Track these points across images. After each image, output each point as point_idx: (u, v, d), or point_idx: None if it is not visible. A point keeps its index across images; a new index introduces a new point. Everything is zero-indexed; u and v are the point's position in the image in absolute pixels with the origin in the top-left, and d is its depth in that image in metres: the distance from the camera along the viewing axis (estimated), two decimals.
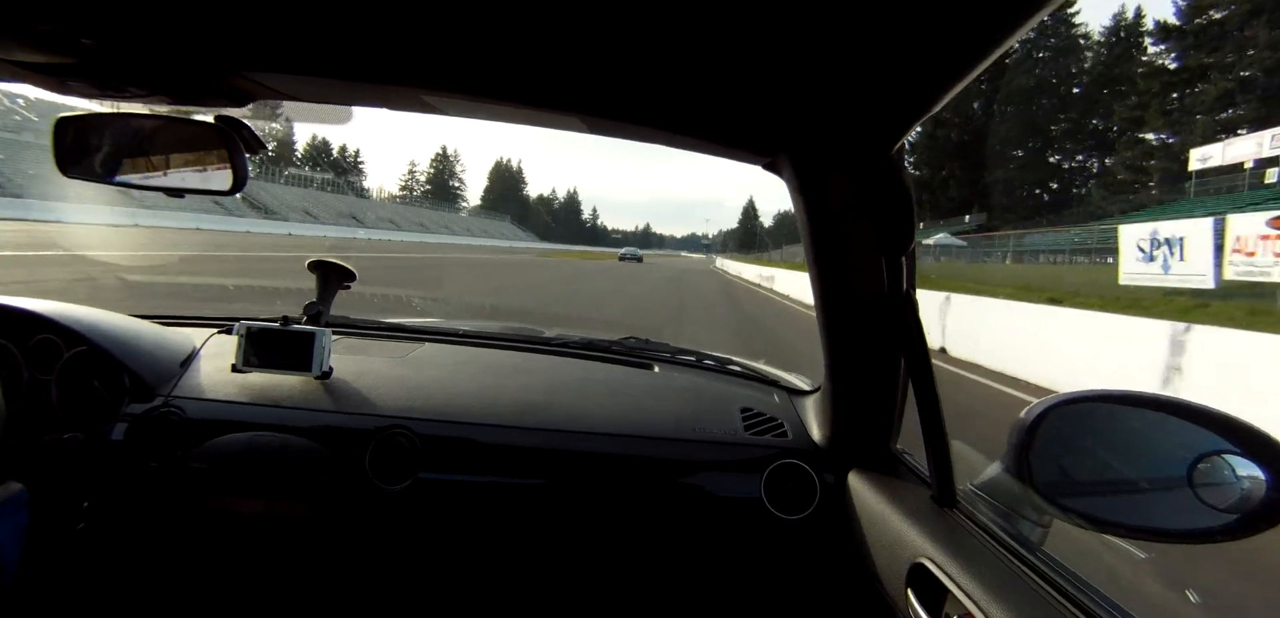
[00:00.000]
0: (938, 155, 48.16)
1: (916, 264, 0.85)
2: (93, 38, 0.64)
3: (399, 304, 7.83)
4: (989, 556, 0.70)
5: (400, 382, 1.22)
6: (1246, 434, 0.59)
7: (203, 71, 0.73)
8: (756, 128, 0.82)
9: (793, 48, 0.60)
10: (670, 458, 1.11)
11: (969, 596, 0.64)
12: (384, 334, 1.50)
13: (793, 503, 1.07)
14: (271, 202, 51.02)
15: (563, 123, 0.86)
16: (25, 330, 1.11)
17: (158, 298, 7.46)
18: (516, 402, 1.19)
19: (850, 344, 0.97)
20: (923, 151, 48.79)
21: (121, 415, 1.09)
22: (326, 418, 1.11)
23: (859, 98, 0.68)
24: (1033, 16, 0.48)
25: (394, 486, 1.07)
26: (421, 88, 0.77)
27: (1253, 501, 0.57)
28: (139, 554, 1.13)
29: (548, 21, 0.59)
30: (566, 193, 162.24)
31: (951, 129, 46.33)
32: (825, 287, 0.94)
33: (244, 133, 0.83)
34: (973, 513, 0.79)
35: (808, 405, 1.22)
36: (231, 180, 0.84)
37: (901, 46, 0.57)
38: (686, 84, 0.71)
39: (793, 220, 0.95)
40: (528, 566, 1.14)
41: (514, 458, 1.10)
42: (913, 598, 0.73)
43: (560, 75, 0.72)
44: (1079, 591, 0.61)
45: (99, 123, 0.86)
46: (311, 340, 1.15)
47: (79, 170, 0.86)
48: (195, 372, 1.19)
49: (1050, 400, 0.72)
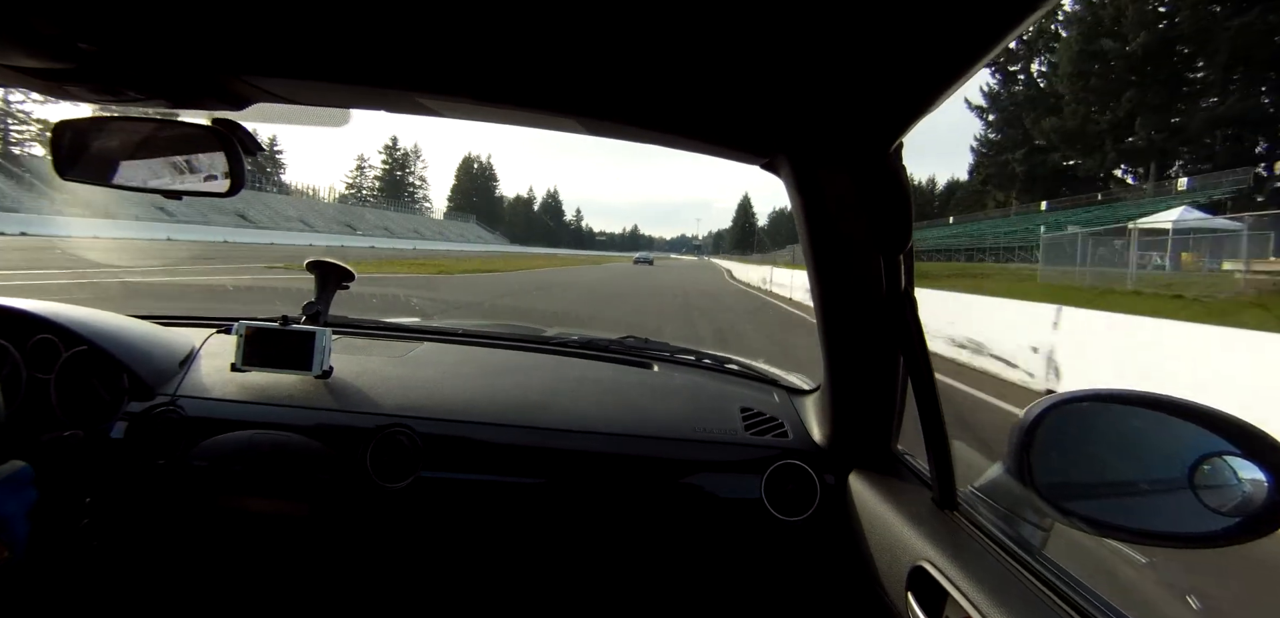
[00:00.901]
0: (1109, 78, 31.03)
1: (914, 264, 0.85)
2: (91, 42, 0.64)
3: (398, 304, 7.83)
4: (990, 559, 0.69)
5: (400, 381, 1.22)
6: (1248, 436, 0.58)
7: (200, 75, 0.74)
8: (754, 128, 0.82)
9: (790, 48, 0.59)
10: (670, 458, 1.11)
11: (969, 600, 0.63)
12: (383, 334, 1.50)
13: (793, 504, 1.07)
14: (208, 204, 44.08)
15: (560, 124, 0.86)
16: (24, 331, 1.11)
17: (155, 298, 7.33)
18: (516, 401, 1.19)
19: (850, 344, 0.96)
20: (1076, 79, 32.21)
21: (121, 414, 1.10)
22: (327, 417, 1.11)
23: (857, 97, 0.68)
24: (1031, 14, 0.48)
25: (395, 484, 1.07)
26: (418, 91, 0.77)
27: (1254, 504, 0.56)
28: (140, 553, 1.14)
29: (544, 24, 0.59)
30: (546, 193, 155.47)
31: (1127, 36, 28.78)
32: (824, 287, 0.93)
33: (241, 135, 0.83)
34: (973, 515, 0.78)
35: (808, 405, 1.22)
36: (229, 182, 0.84)
37: (900, 46, 0.56)
38: (684, 85, 0.71)
39: (789, 219, 0.95)
40: (528, 565, 1.14)
41: (514, 457, 1.10)
42: (913, 602, 0.73)
43: (557, 77, 0.72)
44: (1080, 595, 0.61)
45: (96, 126, 0.86)
46: (311, 340, 1.15)
47: (77, 173, 0.86)
48: (195, 371, 1.19)
49: (1050, 400, 0.71)
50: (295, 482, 1.07)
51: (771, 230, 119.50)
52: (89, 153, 0.86)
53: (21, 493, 0.85)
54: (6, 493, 0.83)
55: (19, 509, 0.84)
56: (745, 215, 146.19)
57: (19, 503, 0.84)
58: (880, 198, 0.79)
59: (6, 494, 0.83)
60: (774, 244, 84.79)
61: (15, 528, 0.82)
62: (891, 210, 0.78)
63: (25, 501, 0.85)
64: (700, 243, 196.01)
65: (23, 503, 0.85)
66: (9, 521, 0.82)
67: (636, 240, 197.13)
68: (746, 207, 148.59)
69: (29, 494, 0.86)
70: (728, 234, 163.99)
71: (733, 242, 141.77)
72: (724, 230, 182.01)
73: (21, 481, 0.86)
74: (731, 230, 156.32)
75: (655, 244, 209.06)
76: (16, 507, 0.84)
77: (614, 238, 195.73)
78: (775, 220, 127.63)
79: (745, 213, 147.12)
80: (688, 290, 19.92)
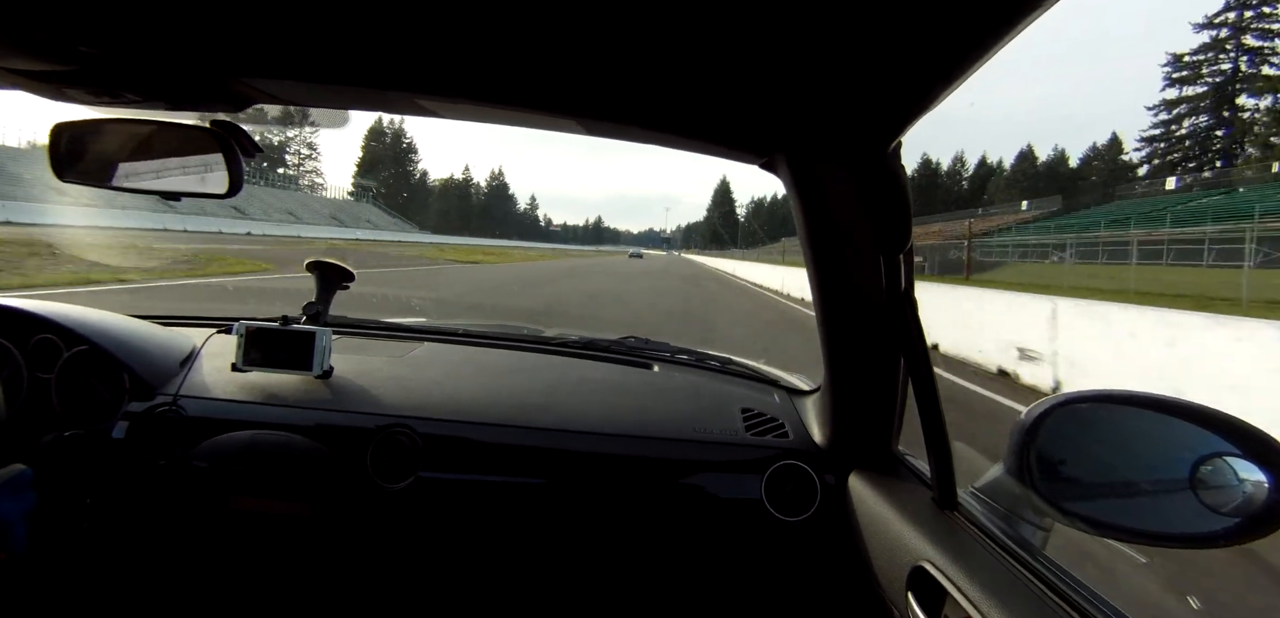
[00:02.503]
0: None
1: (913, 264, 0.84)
2: (89, 44, 0.64)
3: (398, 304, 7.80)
4: (989, 559, 0.69)
5: (401, 381, 1.22)
6: (1249, 436, 0.58)
7: (198, 77, 0.73)
8: (753, 128, 0.82)
9: (789, 47, 0.59)
10: (670, 458, 1.11)
11: (968, 599, 0.63)
12: (384, 334, 1.50)
13: (793, 504, 1.07)
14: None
15: (559, 125, 0.86)
16: (25, 330, 1.11)
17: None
18: (517, 401, 1.19)
19: (850, 344, 0.96)
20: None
21: (122, 414, 1.10)
22: (327, 416, 1.11)
23: (856, 97, 0.68)
24: (1031, 14, 0.48)
25: (395, 484, 1.07)
26: (417, 92, 0.77)
27: (1255, 504, 0.56)
28: (141, 552, 1.14)
29: (543, 25, 0.59)
30: (490, 174, 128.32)
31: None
32: (824, 287, 0.93)
33: (239, 137, 0.83)
34: (974, 516, 0.78)
35: (808, 406, 1.22)
36: (227, 184, 0.84)
37: (898, 45, 0.56)
38: (683, 85, 0.71)
39: (770, 211, 0.94)
40: (528, 565, 1.14)
41: (515, 457, 1.10)
42: (913, 602, 0.73)
43: (556, 78, 0.72)
44: (1079, 595, 0.61)
45: (95, 128, 0.86)
46: (311, 340, 1.15)
47: (75, 175, 0.86)
48: (195, 371, 1.20)
49: (1051, 400, 0.71)
50: (296, 482, 1.07)
51: (746, 224, 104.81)
52: (87, 155, 0.86)
53: (21, 497, 0.85)
54: (5, 496, 0.83)
55: (18, 512, 0.84)
56: (724, 201, 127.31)
57: (18, 506, 0.84)
58: (879, 198, 0.79)
59: (5, 498, 0.83)
60: (754, 239, 78.31)
61: (14, 532, 0.83)
62: (891, 210, 0.78)
63: (24, 504, 0.86)
64: (670, 237, 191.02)
65: (21, 506, 0.85)
66: (8, 524, 0.82)
67: (600, 233, 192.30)
68: (725, 191, 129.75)
69: (28, 498, 0.86)
70: (700, 228, 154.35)
71: (708, 236, 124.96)
72: (696, 223, 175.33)
73: (21, 483, 0.86)
74: (704, 224, 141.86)
75: (622, 238, 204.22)
76: (15, 510, 0.84)
77: (574, 231, 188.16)
78: (752, 213, 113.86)
79: (724, 199, 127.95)
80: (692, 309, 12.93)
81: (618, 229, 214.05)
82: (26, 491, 0.87)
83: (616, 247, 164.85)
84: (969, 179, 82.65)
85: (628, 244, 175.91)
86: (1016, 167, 76.51)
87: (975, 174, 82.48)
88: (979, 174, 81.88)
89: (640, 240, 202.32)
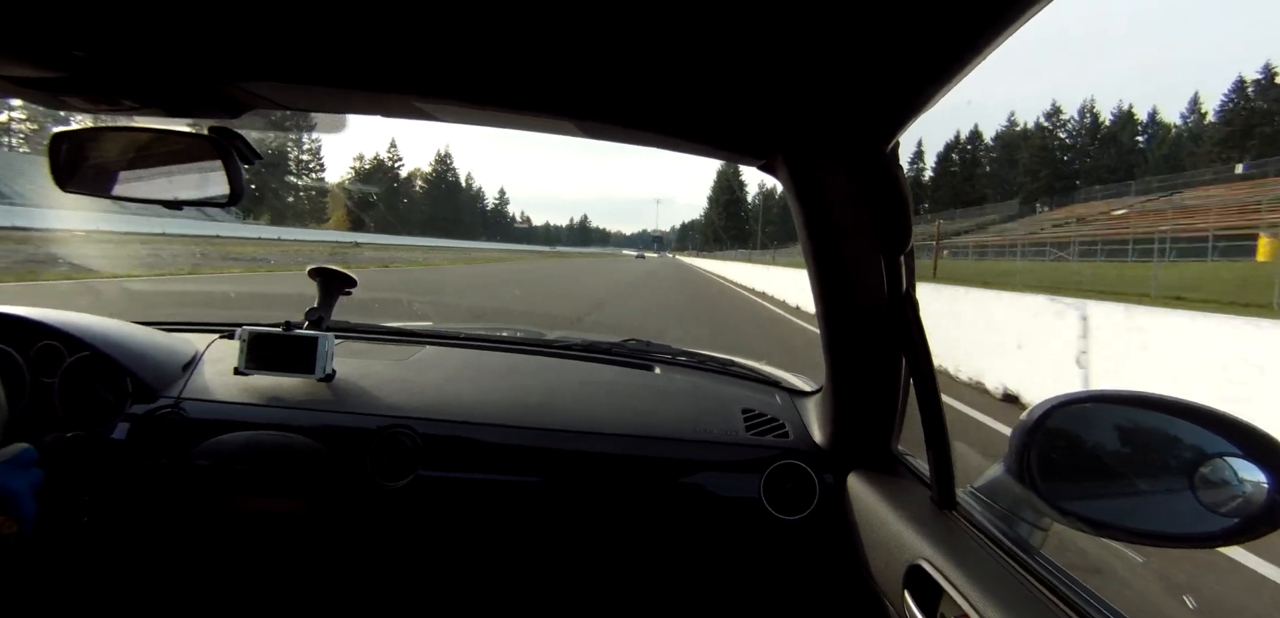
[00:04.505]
0: None
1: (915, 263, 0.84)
2: (85, 50, 0.64)
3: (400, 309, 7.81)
4: (986, 557, 0.69)
5: (402, 383, 1.22)
6: (1249, 437, 0.58)
7: (196, 82, 0.73)
8: (752, 128, 0.82)
9: (787, 47, 0.59)
10: (669, 457, 1.11)
11: (965, 597, 0.63)
12: (386, 338, 1.50)
13: (792, 503, 1.07)
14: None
15: (557, 127, 0.86)
16: (28, 337, 1.11)
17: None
18: (517, 402, 1.19)
19: (851, 345, 0.96)
20: None
21: (123, 416, 1.10)
22: (328, 418, 1.11)
23: (854, 96, 0.67)
24: (1028, 13, 0.47)
25: (395, 482, 1.07)
26: (415, 95, 0.77)
27: (1254, 504, 0.56)
28: (142, 551, 1.14)
29: (541, 27, 0.59)
30: (434, 157, 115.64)
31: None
32: (825, 287, 0.93)
33: (238, 143, 0.83)
34: (972, 515, 0.78)
35: (809, 406, 1.22)
36: (227, 190, 0.84)
37: (897, 44, 0.56)
38: (681, 86, 0.71)
39: (771, 210, 0.92)
40: (528, 564, 1.15)
41: (515, 457, 1.10)
42: (909, 599, 0.73)
43: (553, 80, 0.72)
44: (1075, 593, 0.61)
45: (94, 137, 0.86)
46: (314, 345, 1.15)
47: (75, 185, 0.86)
48: (198, 375, 1.20)
49: (1052, 401, 0.71)
50: (296, 480, 1.07)
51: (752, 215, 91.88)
52: (87, 164, 0.86)
53: (28, 471, 0.86)
54: (12, 470, 0.84)
55: (26, 486, 0.84)
56: (727, 192, 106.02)
57: (26, 480, 0.85)
58: (878, 198, 0.79)
59: (13, 472, 0.83)
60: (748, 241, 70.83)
61: (22, 504, 0.83)
62: (890, 211, 0.78)
63: (32, 478, 0.86)
64: (663, 237, 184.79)
65: (29, 480, 0.85)
66: (16, 496, 0.82)
67: (586, 234, 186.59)
68: (728, 178, 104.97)
69: (35, 474, 0.87)
70: (696, 226, 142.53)
71: (708, 234, 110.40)
72: (692, 222, 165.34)
73: (26, 460, 0.86)
74: (703, 221, 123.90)
75: (611, 239, 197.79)
76: (23, 484, 0.84)
77: (557, 231, 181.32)
78: (760, 204, 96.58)
79: (725, 191, 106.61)
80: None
81: (606, 229, 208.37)
82: (32, 467, 0.87)
83: (605, 248, 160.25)
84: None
85: (618, 245, 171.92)
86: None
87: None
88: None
89: (632, 241, 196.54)
